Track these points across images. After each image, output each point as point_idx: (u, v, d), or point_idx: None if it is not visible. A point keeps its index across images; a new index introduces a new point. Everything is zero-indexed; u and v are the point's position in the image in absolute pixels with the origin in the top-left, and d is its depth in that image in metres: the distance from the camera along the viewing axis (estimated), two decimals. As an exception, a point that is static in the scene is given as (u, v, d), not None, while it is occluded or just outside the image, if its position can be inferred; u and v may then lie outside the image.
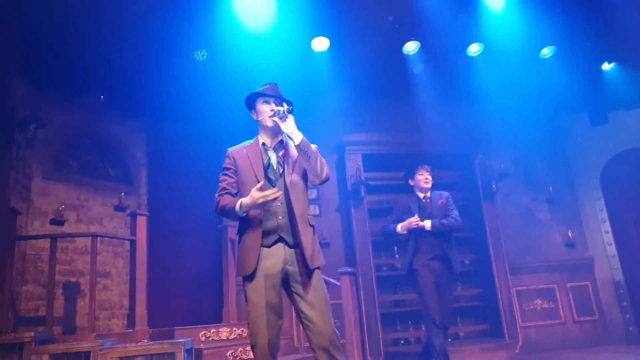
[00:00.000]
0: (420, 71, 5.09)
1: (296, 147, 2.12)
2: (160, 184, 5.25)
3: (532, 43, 4.91)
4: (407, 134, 5.46)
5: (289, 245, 2.10)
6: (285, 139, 2.27)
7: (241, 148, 2.29)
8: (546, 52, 5.15)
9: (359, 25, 4.47)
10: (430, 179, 3.71)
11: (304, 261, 2.07)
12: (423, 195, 3.72)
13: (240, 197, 2.10)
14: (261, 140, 2.28)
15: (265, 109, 2.23)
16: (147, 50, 4.34)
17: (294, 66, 4.58)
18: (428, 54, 4.93)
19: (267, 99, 2.24)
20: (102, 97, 4.85)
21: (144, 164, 5.28)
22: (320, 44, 4.71)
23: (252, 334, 2.03)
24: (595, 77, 5.47)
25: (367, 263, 5.01)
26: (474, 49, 5.00)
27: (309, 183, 2.24)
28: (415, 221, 3.46)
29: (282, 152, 2.25)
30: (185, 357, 2.92)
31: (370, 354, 4.70)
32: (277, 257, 2.07)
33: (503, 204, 5.70)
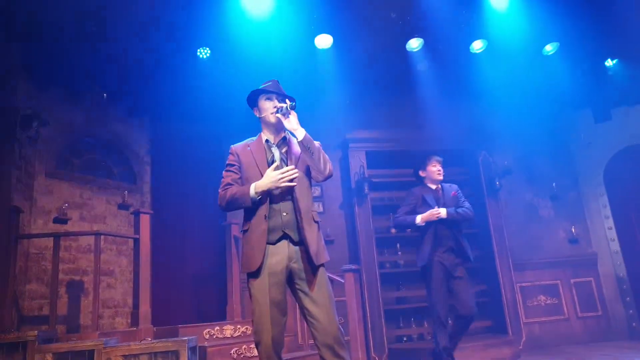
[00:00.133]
0: (424, 68, 5.07)
1: (299, 143, 2.12)
2: (164, 182, 5.26)
3: (535, 39, 4.89)
4: (410, 131, 5.44)
5: (294, 242, 2.09)
6: (288, 135, 2.27)
7: (244, 145, 2.28)
8: (549, 48, 5.12)
9: (362, 22, 4.45)
10: (442, 171, 3.66)
11: (308, 258, 2.07)
12: (435, 186, 3.66)
13: None
14: (264, 137, 2.27)
15: (268, 105, 2.22)
16: (150, 48, 4.33)
17: (297, 63, 4.58)
18: (432, 51, 4.91)
19: (270, 95, 2.23)
20: (105, 95, 4.85)
21: (148, 162, 5.28)
22: (324, 41, 4.70)
23: (256, 331, 2.03)
24: (599, 73, 5.45)
25: (371, 260, 5.00)
26: (478, 46, 4.98)
27: (313, 180, 2.24)
28: (437, 212, 3.41)
29: (285, 148, 2.25)
30: (189, 355, 2.92)
31: (374, 351, 4.70)
32: (282, 254, 2.07)
33: (507, 200, 5.70)
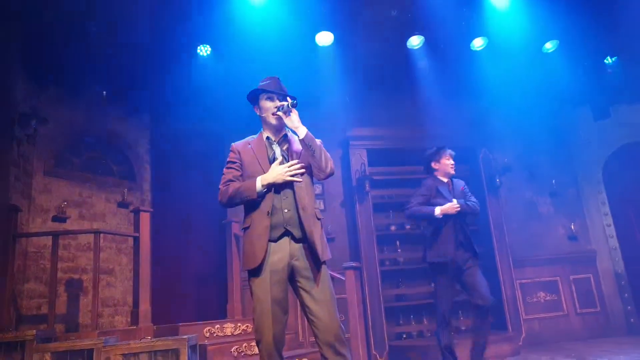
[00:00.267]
0: (425, 66, 5.07)
1: (300, 141, 2.11)
2: (164, 180, 5.24)
3: (535, 37, 4.90)
4: (411, 129, 5.44)
5: (296, 239, 2.08)
6: (289, 133, 2.26)
7: (245, 143, 2.28)
8: (549, 46, 5.13)
9: (363, 19, 4.44)
10: (454, 165, 3.62)
11: (311, 255, 2.06)
12: (446, 180, 3.61)
13: None
14: (265, 134, 2.27)
15: (269, 105, 2.22)
16: (150, 46, 4.30)
17: (298, 61, 4.57)
18: (432, 48, 4.91)
19: (271, 95, 2.22)
20: (105, 93, 4.82)
21: (147, 160, 5.26)
22: (325, 38, 4.69)
23: (257, 329, 2.02)
24: (598, 71, 5.45)
25: (371, 257, 5.01)
26: (478, 44, 4.98)
27: (314, 178, 2.23)
28: (457, 206, 3.35)
29: (286, 146, 2.24)
30: (190, 354, 2.90)
31: (375, 348, 4.71)
32: (284, 252, 2.06)
33: (507, 197, 5.71)
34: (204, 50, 4.57)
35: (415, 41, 4.91)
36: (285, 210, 2.09)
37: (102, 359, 2.82)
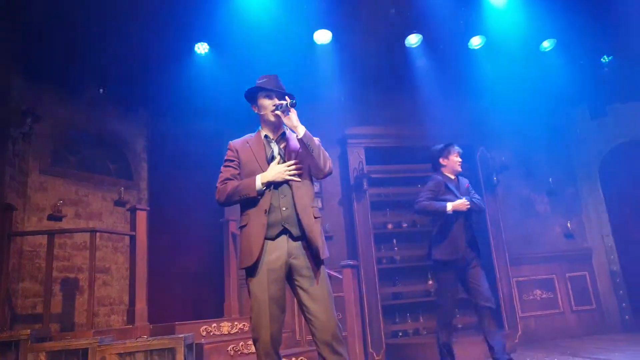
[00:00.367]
0: (423, 64, 5.06)
1: (299, 140, 2.10)
2: (161, 178, 5.21)
3: (533, 36, 4.91)
4: (409, 127, 5.45)
5: (294, 238, 2.07)
6: (288, 131, 2.25)
7: (243, 141, 2.26)
8: (547, 45, 5.14)
9: (361, 18, 4.43)
10: (461, 162, 3.59)
11: (310, 254, 2.06)
12: (454, 177, 3.57)
13: None
14: (263, 132, 2.26)
15: (267, 103, 2.20)
16: (148, 42, 4.27)
17: (296, 59, 4.56)
18: (430, 46, 4.91)
19: (269, 93, 2.21)
20: (102, 91, 4.78)
21: (144, 158, 5.23)
22: (323, 36, 4.67)
23: (254, 328, 2.01)
24: (595, 70, 5.46)
25: (369, 256, 5.01)
26: (476, 42, 4.99)
27: (313, 177, 2.22)
28: (467, 203, 3.30)
29: (285, 144, 2.23)
30: (186, 353, 2.89)
31: (372, 346, 4.71)
32: (281, 250, 2.05)
33: (504, 195, 5.73)
34: (201, 48, 4.54)
35: (413, 40, 4.91)
36: (284, 209, 2.08)
37: (98, 359, 2.80)
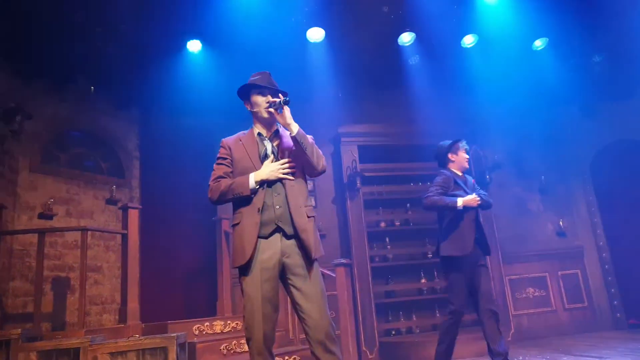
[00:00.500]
0: (416, 63, 5.07)
1: (292, 138, 2.09)
2: (153, 176, 5.18)
3: (525, 35, 4.92)
4: (402, 125, 5.46)
5: (287, 236, 2.06)
6: (281, 128, 2.24)
7: (236, 138, 2.25)
8: (539, 44, 5.16)
9: (354, 16, 4.43)
10: (468, 159, 3.53)
11: (303, 252, 2.04)
12: (461, 173, 3.49)
13: None
14: (256, 130, 2.24)
15: (260, 100, 2.19)
16: (139, 39, 4.23)
17: (289, 57, 4.54)
18: (423, 45, 4.92)
19: (262, 90, 2.19)
20: (93, 88, 4.73)
21: (136, 156, 5.19)
22: (316, 34, 4.65)
23: (247, 327, 2.00)
24: (586, 69, 5.50)
25: (362, 254, 5.02)
26: (469, 41, 5.00)
27: (306, 175, 2.21)
28: (478, 199, 3.23)
29: (278, 141, 2.22)
30: (178, 352, 2.87)
31: (365, 344, 4.72)
32: (275, 249, 2.04)
33: (496, 194, 5.71)
34: (194, 45, 4.51)
35: (406, 38, 4.90)
36: (277, 207, 2.07)
37: (89, 358, 2.78)
